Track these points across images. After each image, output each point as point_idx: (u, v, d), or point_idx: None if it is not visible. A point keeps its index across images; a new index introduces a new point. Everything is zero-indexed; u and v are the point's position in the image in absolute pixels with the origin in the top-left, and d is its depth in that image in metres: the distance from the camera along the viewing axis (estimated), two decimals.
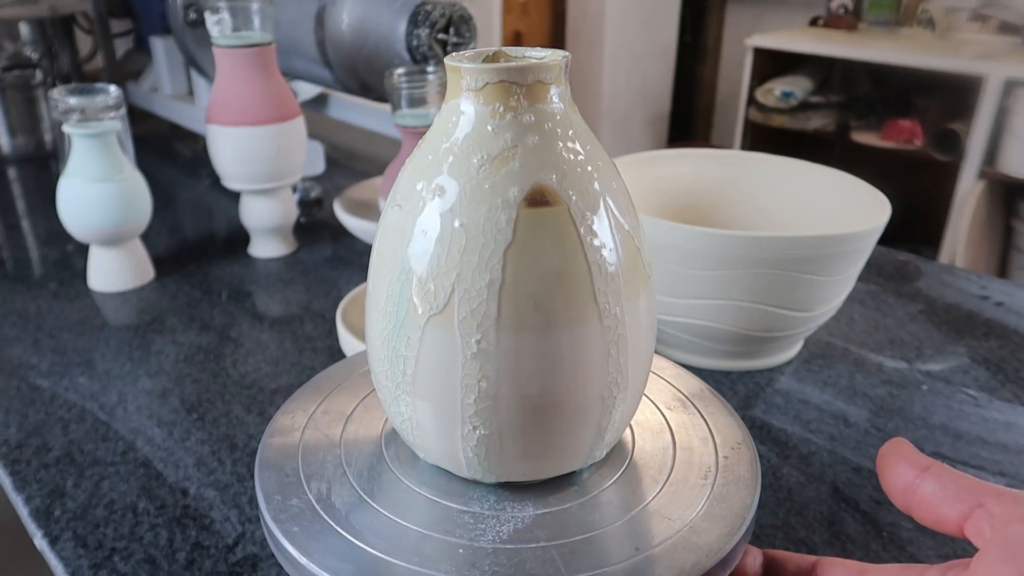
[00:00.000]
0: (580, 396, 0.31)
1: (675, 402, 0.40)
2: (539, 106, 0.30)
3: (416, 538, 0.31)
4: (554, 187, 0.29)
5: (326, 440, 0.37)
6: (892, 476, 0.29)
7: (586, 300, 0.30)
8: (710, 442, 0.37)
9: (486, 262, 0.29)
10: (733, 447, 0.37)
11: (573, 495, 0.34)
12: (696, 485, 0.34)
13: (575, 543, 0.31)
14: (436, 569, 0.30)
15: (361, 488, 0.34)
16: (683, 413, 0.39)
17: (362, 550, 0.31)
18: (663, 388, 0.41)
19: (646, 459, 0.36)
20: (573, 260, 0.30)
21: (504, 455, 0.33)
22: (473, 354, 0.30)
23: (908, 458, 0.28)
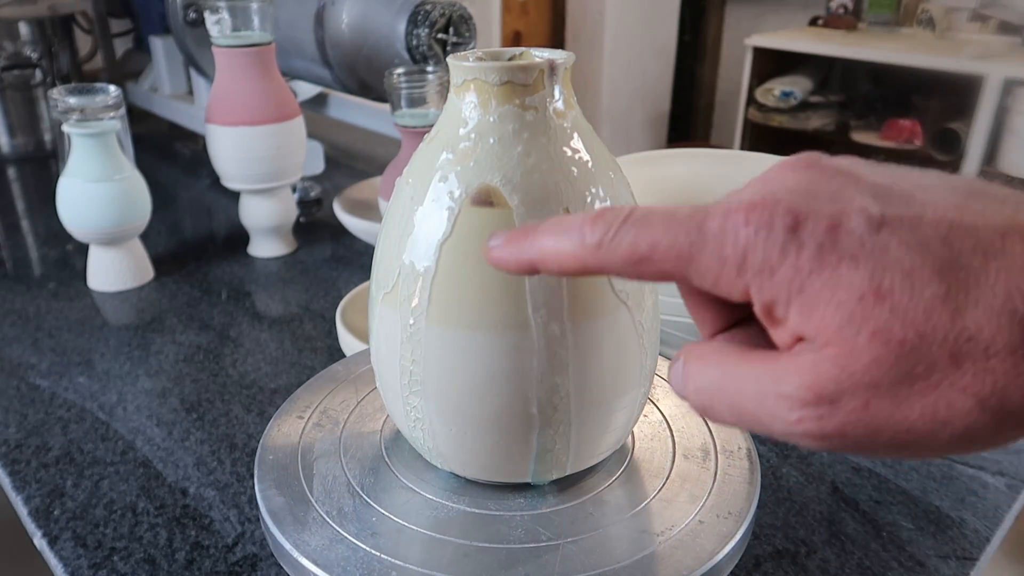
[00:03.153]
0: (500, 404, 0.31)
1: (675, 401, 0.40)
2: (511, 107, 0.30)
3: (416, 538, 0.31)
4: (500, 190, 0.29)
5: (326, 440, 0.37)
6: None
7: (516, 310, 0.29)
8: (710, 442, 0.37)
9: (423, 251, 0.30)
10: (733, 447, 0.37)
11: (575, 494, 0.34)
12: (696, 484, 0.34)
13: (576, 542, 0.31)
14: (436, 569, 0.30)
15: (361, 488, 0.34)
16: (683, 412, 0.39)
17: (362, 550, 0.30)
18: (663, 387, 0.41)
19: (646, 459, 0.36)
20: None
21: (439, 445, 0.33)
22: (407, 337, 0.31)
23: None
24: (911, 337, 0.18)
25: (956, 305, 0.18)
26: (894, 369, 0.18)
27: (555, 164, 0.30)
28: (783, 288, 0.19)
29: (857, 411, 0.19)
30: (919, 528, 0.44)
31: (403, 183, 0.32)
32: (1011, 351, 0.18)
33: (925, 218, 0.19)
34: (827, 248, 0.19)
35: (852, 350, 0.18)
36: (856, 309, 0.18)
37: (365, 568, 0.30)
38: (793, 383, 0.19)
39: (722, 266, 0.20)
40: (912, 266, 0.18)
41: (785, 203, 0.20)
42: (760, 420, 0.20)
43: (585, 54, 2.74)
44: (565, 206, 0.30)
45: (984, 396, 0.18)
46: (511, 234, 0.24)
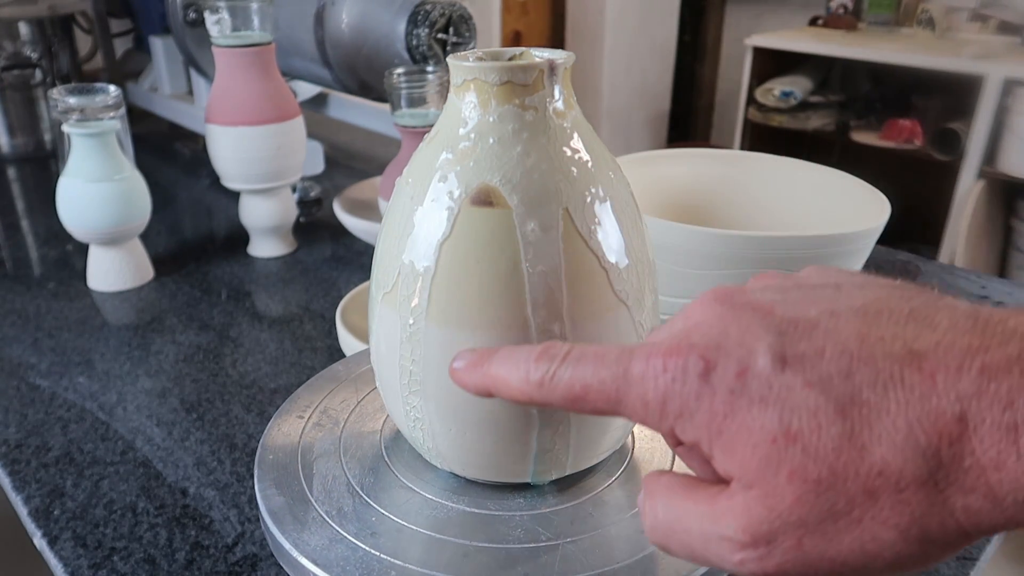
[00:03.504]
0: (499, 404, 0.31)
1: None
2: (511, 107, 0.30)
3: (416, 538, 0.31)
4: (499, 189, 0.29)
5: (326, 439, 0.37)
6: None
7: (515, 310, 0.29)
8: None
9: (422, 251, 0.30)
10: None
11: (574, 495, 0.34)
12: None
13: (576, 542, 0.31)
14: (435, 569, 0.30)
15: (360, 488, 0.34)
16: None
17: (362, 550, 0.30)
18: None
19: (646, 459, 0.36)
20: (507, 266, 0.29)
21: (438, 445, 0.33)
22: (407, 337, 0.31)
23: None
24: (826, 475, 0.19)
25: (862, 442, 0.19)
26: (816, 507, 0.19)
27: (555, 164, 0.30)
28: (703, 431, 0.21)
29: (792, 549, 0.19)
30: None
31: (403, 183, 0.32)
32: (920, 483, 0.18)
33: (827, 353, 0.20)
34: (737, 392, 0.20)
35: (775, 490, 0.19)
36: (771, 451, 0.19)
37: (364, 568, 0.30)
38: (731, 526, 0.20)
39: (646, 410, 0.22)
40: (816, 406, 0.19)
41: (698, 349, 0.21)
42: (709, 560, 0.21)
43: (585, 54, 2.74)
44: (565, 206, 0.30)
45: (904, 527, 0.18)
46: (471, 358, 0.26)
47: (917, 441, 0.18)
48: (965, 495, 0.18)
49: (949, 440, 0.18)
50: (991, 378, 0.18)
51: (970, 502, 0.18)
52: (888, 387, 0.19)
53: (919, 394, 0.18)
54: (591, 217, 0.30)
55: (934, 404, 0.18)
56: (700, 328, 0.22)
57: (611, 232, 0.31)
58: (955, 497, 0.18)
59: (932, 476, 0.18)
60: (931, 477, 0.18)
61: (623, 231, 0.31)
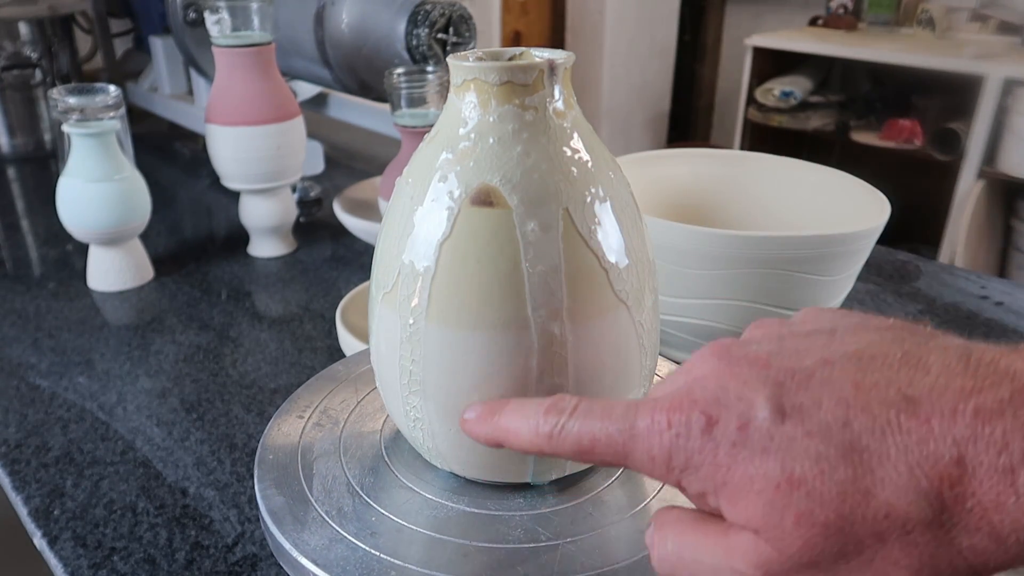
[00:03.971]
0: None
1: None
2: (510, 107, 0.30)
3: (416, 538, 0.31)
4: (499, 189, 0.29)
5: (326, 440, 0.37)
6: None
7: (515, 310, 0.29)
8: None
9: (422, 251, 0.30)
10: None
11: (574, 495, 0.34)
12: None
13: (576, 542, 0.31)
14: (435, 569, 0.30)
15: (360, 487, 0.34)
16: None
17: (361, 550, 0.30)
18: None
19: None
20: (507, 266, 0.29)
21: (438, 444, 0.33)
22: (407, 336, 0.31)
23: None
24: (833, 519, 0.19)
25: (866, 486, 0.19)
26: (826, 548, 0.19)
27: (555, 164, 0.30)
28: (708, 483, 0.21)
29: None
30: None
31: (403, 183, 0.32)
32: (926, 525, 0.18)
33: (823, 404, 0.20)
34: (740, 444, 0.21)
35: (782, 534, 0.20)
36: (775, 497, 0.20)
37: (364, 568, 0.30)
38: (743, 560, 0.21)
39: (652, 464, 0.22)
40: (818, 453, 0.20)
41: (700, 405, 0.22)
42: None
43: (585, 54, 2.74)
44: (565, 206, 0.30)
45: (915, 568, 0.19)
46: (482, 411, 0.27)
47: (919, 485, 0.18)
48: (970, 535, 0.18)
49: (950, 483, 0.18)
50: (985, 421, 0.18)
51: (975, 542, 0.18)
52: (886, 433, 0.19)
53: (916, 439, 0.19)
54: (591, 217, 0.30)
55: (932, 449, 0.18)
56: (700, 383, 0.22)
57: (611, 232, 0.31)
58: (961, 537, 0.18)
59: (937, 518, 0.18)
60: (936, 519, 0.18)
61: (623, 231, 0.31)
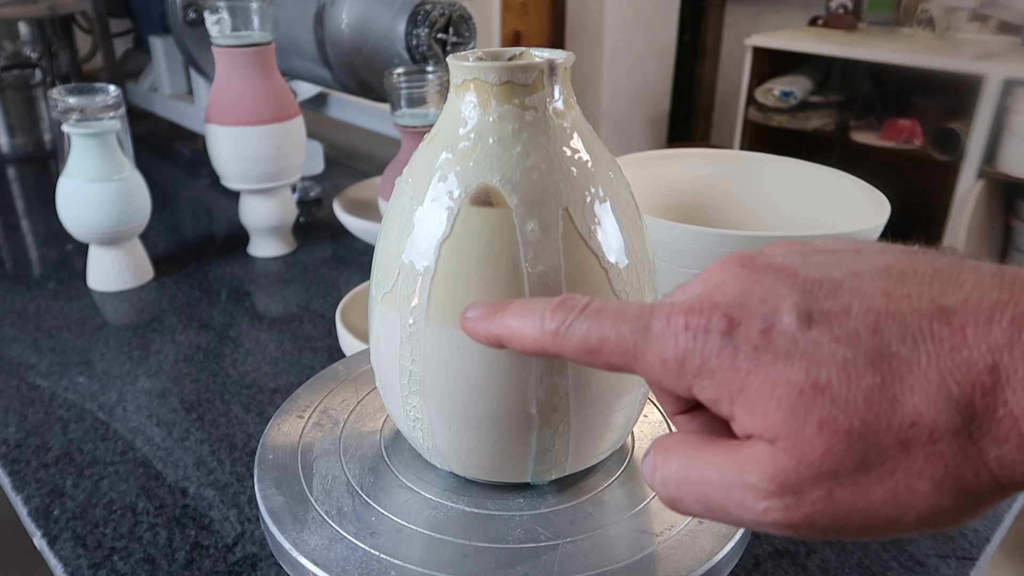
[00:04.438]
0: (499, 404, 0.31)
1: None
2: (510, 107, 0.30)
3: (415, 538, 0.31)
4: (499, 189, 0.29)
5: (326, 440, 0.37)
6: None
7: None
8: None
9: (422, 251, 0.30)
10: None
11: (574, 495, 0.34)
12: None
13: (575, 542, 0.31)
14: (435, 568, 0.30)
15: (360, 487, 0.34)
16: None
17: (361, 550, 0.30)
18: None
19: None
20: (507, 266, 0.29)
21: (438, 444, 0.33)
22: (407, 336, 0.31)
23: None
24: (857, 426, 0.18)
25: (894, 393, 0.18)
26: (848, 457, 0.19)
27: (554, 164, 0.30)
28: (724, 388, 0.20)
29: (822, 500, 0.19)
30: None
31: (403, 183, 0.32)
32: (954, 434, 0.18)
33: (853, 310, 0.19)
34: (762, 348, 0.20)
35: (803, 442, 0.19)
36: (797, 403, 0.19)
37: (364, 568, 0.30)
38: (756, 473, 0.20)
39: (663, 368, 0.21)
40: (845, 359, 0.19)
41: (721, 307, 0.20)
42: (727, 510, 0.21)
43: (585, 54, 2.74)
44: (565, 206, 0.30)
45: (939, 479, 0.18)
46: (484, 309, 0.26)
47: (950, 392, 0.18)
48: (999, 446, 0.18)
49: (982, 391, 0.18)
50: (1022, 329, 0.18)
51: (1004, 452, 0.18)
52: (918, 341, 0.18)
53: (949, 347, 0.18)
54: (591, 217, 0.30)
55: (965, 356, 0.18)
56: (722, 288, 0.21)
57: (611, 232, 0.31)
58: (989, 448, 0.18)
59: (966, 427, 0.18)
60: (965, 427, 0.18)
61: (623, 231, 0.31)
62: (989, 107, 1.92)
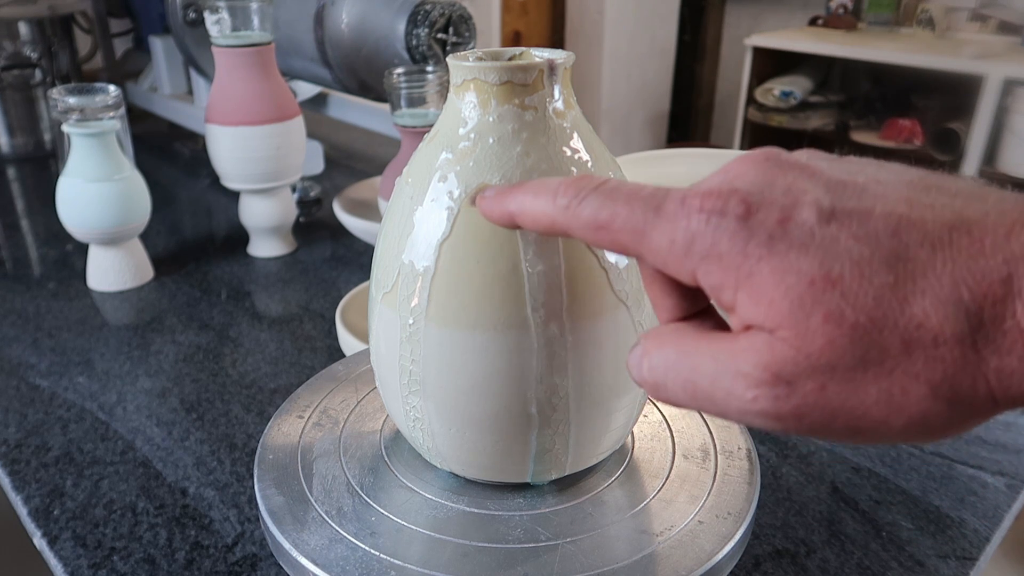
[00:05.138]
0: (499, 404, 0.31)
1: None
2: (510, 107, 0.30)
3: (415, 538, 0.31)
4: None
5: (325, 439, 0.37)
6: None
7: (515, 310, 0.29)
8: (709, 442, 0.37)
9: (422, 251, 0.30)
10: (732, 447, 0.37)
11: (574, 495, 0.34)
12: (695, 484, 0.34)
13: (575, 542, 0.31)
14: (435, 568, 0.30)
15: (360, 487, 0.34)
16: (682, 413, 0.39)
17: (361, 550, 0.31)
18: None
19: (646, 459, 0.36)
20: (507, 266, 0.29)
21: (438, 444, 0.33)
22: (407, 336, 0.31)
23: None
24: (863, 321, 0.18)
25: (905, 294, 0.18)
26: (849, 352, 0.18)
27: (554, 164, 0.30)
28: (731, 273, 0.20)
29: (814, 393, 0.19)
30: (919, 528, 0.44)
31: (403, 183, 0.32)
32: (958, 340, 0.18)
33: (875, 212, 0.19)
34: (777, 237, 0.19)
35: (806, 332, 0.19)
36: (806, 293, 0.19)
37: (364, 568, 0.30)
38: (750, 361, 0.19)
39: (670, 248, 0.21)
40: (861, 256, 0.19)
41: (740, 193, 0.20)
42: (714, 398, 0.20)
43: (585, 54, 2.74)
44: None
45: (936, 383, 0.18)
46: (498, 189, 0.26)
47: (961, 298, 0.18)
48: (1001, 357, 0.18)
49: (992, 300, 0.18)
50: None
51: (1005, 364, 0.18)
52: (936, 248, 0.18)
53: (967, 255, 0.18)
54: None
55: (981, 264, 0.18)
56: (743, 177, 0.21)
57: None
58: (990, 358, 0.18)
59: (972, 334, 0.18)
60: (970, 335, 0.18)
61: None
62: (989, 107, 1.92)
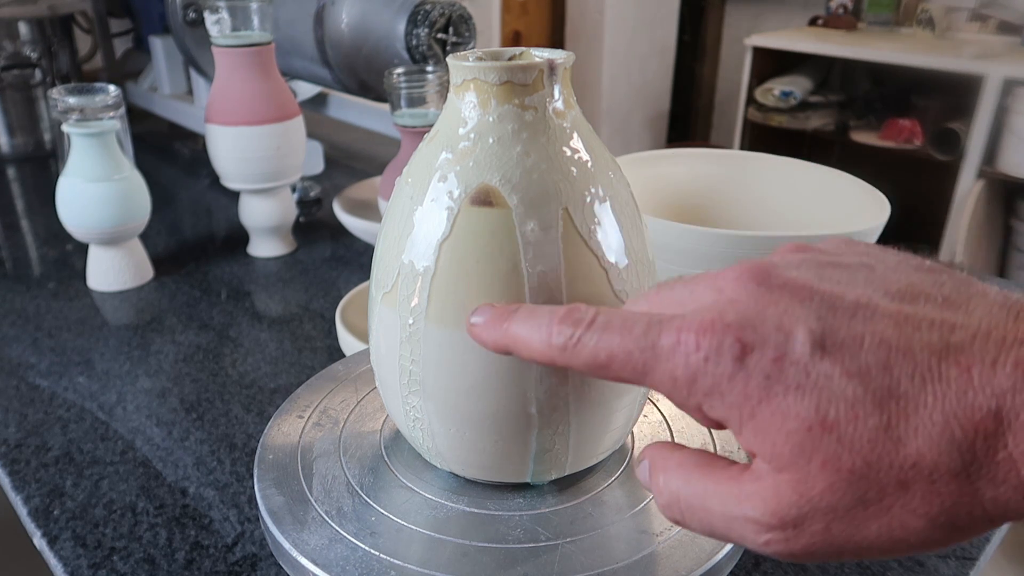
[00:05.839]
0: (499, 404, 0.31)
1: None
2: (510, 106, 0.30)
3: (415, 537, 0.31)
4: (499, 189, 0.29)
5: (325, 439, 0.37)
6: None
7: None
8: (709, 441, 0.37)
9: (422, 251, 0.30)
10: (732, 447, 0.37)
11: (574, 495, 0.34)
12: None
13: (575, 542, 0.31)
14: (435, 568, 0.30)
15: (360, 487, 0.34)
16: (682, 413, 0.39)
17: (361, 549, 0.30)
18: None
19: None
20: (507, 266, 0.29)
21: (438, 444, 0.33)
22: (407, 336, 0.31)
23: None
24: (859, 465, 0.19)
25: (898, 435, 0.19)
26: (848, 495, 0.19)
27: (554, 164, 0.30)
28: (735, 411, 0.21)
29: (819, 533, 0.20)
30: None
31: (402, 183, 0.32)
32: (953, 475, 0.18)
33: (866, 343, 0.20)
34: (774, 378, 0.20)
35: (806, 477, 0.20)
36: (806, 439, 0.19)
37: (364, 567, 0.30)
38: (758, 508, 0.20)
39: (673, 385, 0.21)
40: (855, 396, 0.19)
41: (734, 330, 0.21)
42: (730, 537, 0.22)
43: (585, 54, 2.74)
44: (564, 206, 0.30)
45: (934, 516, 0.19)
46: (491, 314, 0.26)
47: (953, 435, 0.18)
48: (996, 487, 0.18)
49: (984, 435, 0.18)
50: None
51: (999, 493, 0.18)
52: (926, 380, 0.19)
53: (956, 389, 0.18)
54: (591, 217, 0.30)
55: (970, 399, 0.18)
56: (735, 306, 0.21)
57: (611, 232, 0.31)
58: (985, 488, 0.18)
59: (966, 469, 0.18)
60: (964, 469, 0.18)
61: (623, 231, 0.31)
62: (989, 107, 1.92)
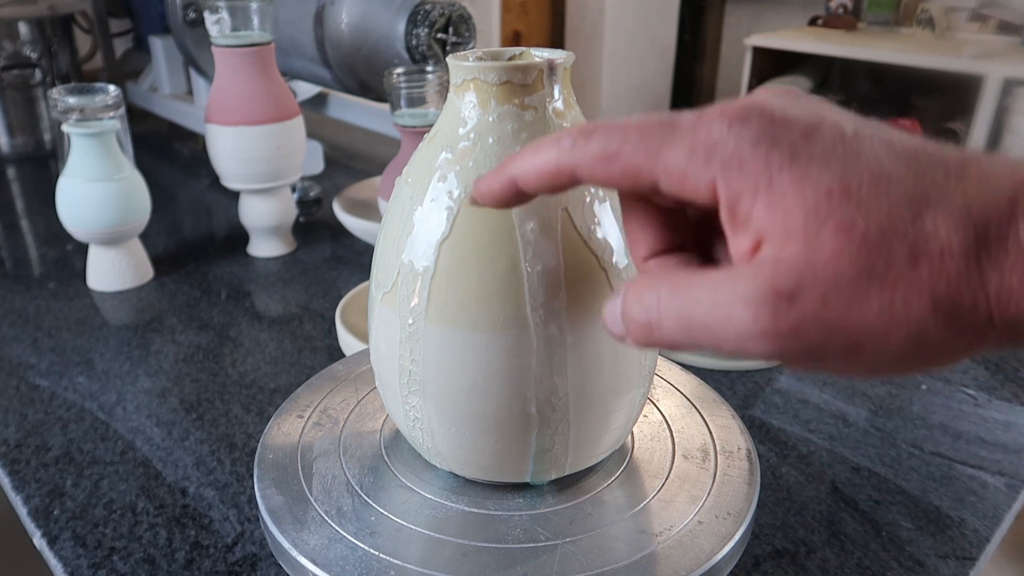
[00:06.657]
0: (499, 404, 0.31)
1: (674, 402, 0.40)
2: (510, 106, 0.30)
3: (415, 537, 0.31)
4: None
5: (325, 439, 0.37)
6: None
7: (515, 310, 0.29)
8: (709, 442, 0.37)
9: (422, 251, 0.30)
10: (732, 447, 0.37)
11: (573, 495, 0.34)
12: (695, 484, 0.34)
13: (575, 542, 0.31)
14: (435, 568, 0.30)
15: (360, 487, 0.34)
16: (682, 413, 0.39)
17: (361, 549, 0.31)
18: (663, 388, 0.41)
19: (645, 459, 0.36)
20: (507, 266, 0.29)
21: (437, 444, 0.33)
22: (406, 336, 0.31)
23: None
24: (873, 231, 0.19)
25: (918, 207, 0.19)
26: (855, 263, 0.19)
27: None
28: (751, 180, 0.20)
29: (815, 306, 0.19)
30: (919, 528, 0.44)
31: (402, 183, 0.32)
32: (964, 254, 0.18)
33: (894, 141, 0.20)
34: (800, 149, 0.20)
35: (815, 241, 0.19)
36: (822, 204, 0.19)
37: (364, 567, 0.30)
38: (751, 283, 0.19)
39: (691, 156, 0.20)
40: (881, 171, 0.19)
41: (764, 105, 0.20)
42: (710, 327, 0.20)
43: (585, 54, 2.74)
44: (564, 206, 0.30)
45: (939, 295, 0.18)
46: (487, 173, 0.25)
47: (969, 214, 0.18)
48: (1002, 274, 0.18)
49: (999, 219, 0.18)
50: None
51: (1005, 281, 0.18)
52: (951, 176, 0.19)
53: (977, 178, 0.19)
54: (590, 217, 0.30)
55: (991, 185, 0.19)
56: (764, 96, 0.21)
57: (610, 232, 0.31)
58: (992, 275, 0.18)
59: (976, 250, 0.18)
60: (975, 250, 0.18)
61: (622, 231, 0.31)
62: (989, 107, 1.92)
